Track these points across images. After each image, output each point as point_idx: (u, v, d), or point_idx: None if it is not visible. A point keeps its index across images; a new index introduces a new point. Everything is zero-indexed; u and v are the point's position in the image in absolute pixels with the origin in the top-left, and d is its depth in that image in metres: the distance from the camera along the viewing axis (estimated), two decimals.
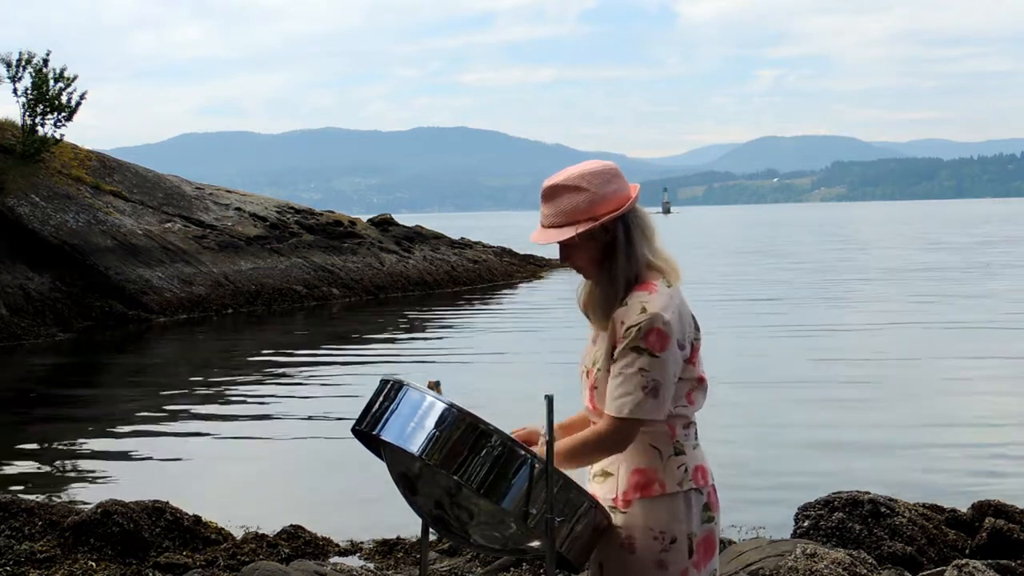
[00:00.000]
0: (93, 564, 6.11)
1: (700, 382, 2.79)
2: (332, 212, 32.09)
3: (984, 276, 28.59)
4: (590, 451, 2.72)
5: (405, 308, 24.89)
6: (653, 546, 2.70)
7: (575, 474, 2.76)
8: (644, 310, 2.66)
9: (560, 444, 2.71)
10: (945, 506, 6.85)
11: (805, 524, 6.32)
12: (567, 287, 2.97)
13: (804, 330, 18.35)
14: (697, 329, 2.80)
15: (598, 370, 2.76)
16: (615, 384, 2.67)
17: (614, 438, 2.68)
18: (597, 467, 2.82)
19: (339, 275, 27.06)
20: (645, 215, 2.81)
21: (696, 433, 2.82)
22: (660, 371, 2.64)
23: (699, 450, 2.81)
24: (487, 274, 31.97)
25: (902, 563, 5.88)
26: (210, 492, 8.65)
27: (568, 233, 2.73)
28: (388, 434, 2.66)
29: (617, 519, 2.74)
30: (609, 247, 2.76)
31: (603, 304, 2.77)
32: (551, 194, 2.77)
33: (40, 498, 7.82)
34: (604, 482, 2.80)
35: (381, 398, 2.75)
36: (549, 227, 2.77)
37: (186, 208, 27.24)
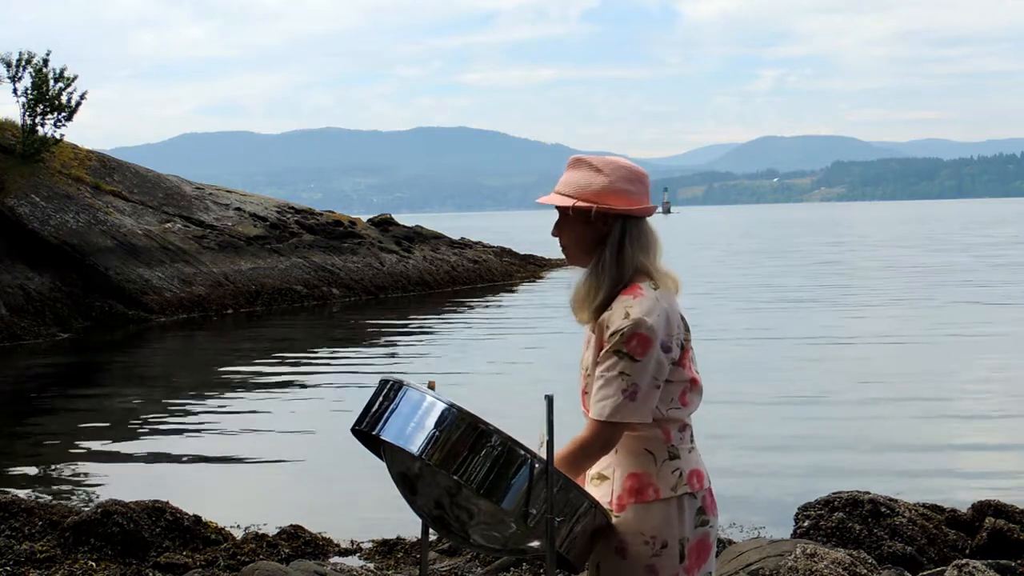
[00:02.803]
0: (93, 564, 6.11)
1: (693, 383, 2.78)
2: (332, 212, 32.10)
3: (990, 278, 28.55)
4: (579, 456, 2.73)
5: (405, 308, 24.89)
6: (644, 551, 2.70)
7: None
8: (627, 315, 2.67)
9: (556, 452, 2.73)
10: (945, 506, 6.84)
11: (805, 524, 6.32)
12: (566, 287, 2.95)
13: (804, 331, 18.36)
14: (687, 330, 2.79)
15: (588, 375, 2.77)
16: (596, 388, 2.69)
17: (598, 442, 2.71)
18: (593, 470, 2.82)
19: (339, 275, 27.07)
20: (650, 230, 2.82)
21: (692, 436, 2.82)
22: (640, 375, 2.65)
23: (695, 453, 2.81)
24: (487, 274, 31.97)
25: (902, 563, 5.88)
26: (210, 492, 8.64)
27: (567, 201, 2.78)
28: (388, 434, 2.66)
29: (612, 522, 2.75)
30: (601, 239, 2.78)
31: (585, 296, 2.78)
32: (574, 165, 2.84)
33: (40, 498, 7.82)
34: (600, 485, 2.80)
35: (381, 398, 2.74)
36: (557, 192, 2.83)
37: (186, 208, 27.23)
